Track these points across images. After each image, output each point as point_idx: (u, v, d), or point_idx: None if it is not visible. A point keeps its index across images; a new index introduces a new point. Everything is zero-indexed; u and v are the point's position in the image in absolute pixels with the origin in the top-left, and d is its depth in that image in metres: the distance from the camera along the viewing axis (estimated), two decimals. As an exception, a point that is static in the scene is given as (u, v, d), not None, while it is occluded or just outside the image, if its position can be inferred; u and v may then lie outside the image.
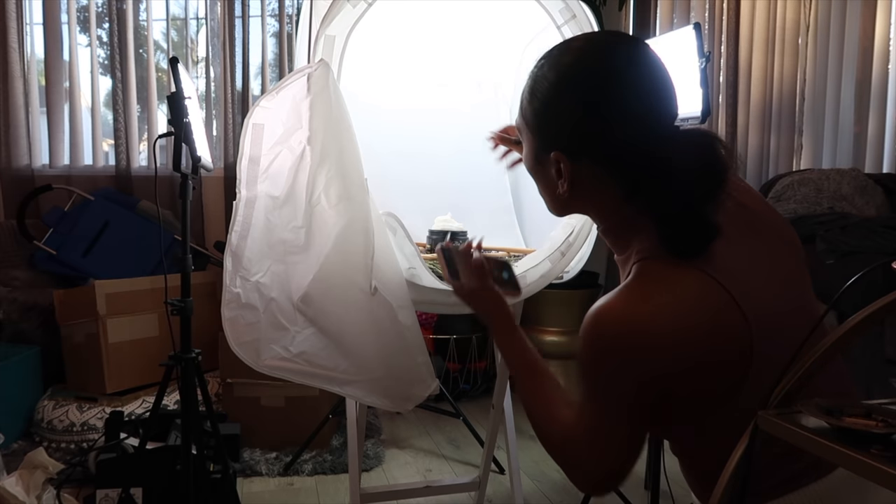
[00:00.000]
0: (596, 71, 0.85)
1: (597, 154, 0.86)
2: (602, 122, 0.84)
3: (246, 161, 1.40)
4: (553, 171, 0.90)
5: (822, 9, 2.96)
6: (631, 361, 0.79)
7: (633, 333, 0.78)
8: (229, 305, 1.37)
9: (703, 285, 0.80)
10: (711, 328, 0.79)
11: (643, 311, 0.79)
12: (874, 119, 2.78)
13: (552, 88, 0.87)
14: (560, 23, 1.54)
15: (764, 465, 0.79)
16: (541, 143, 0.91)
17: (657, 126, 0.84)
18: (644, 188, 0.84)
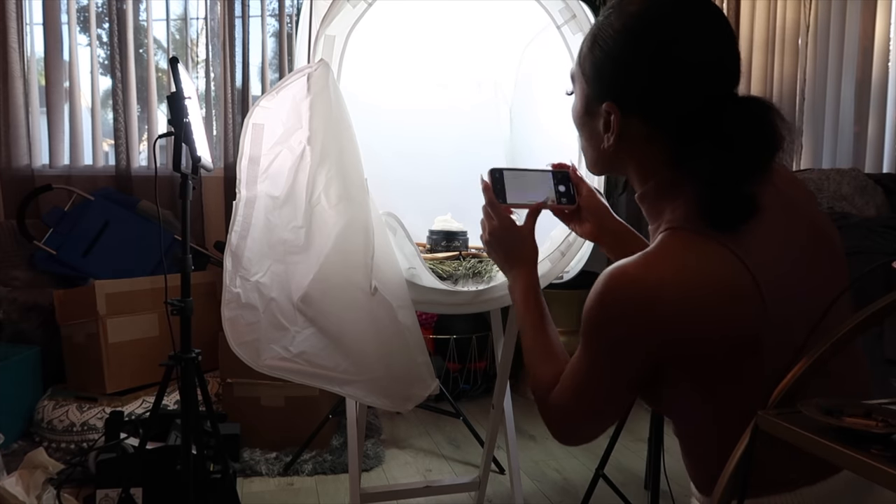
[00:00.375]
0: (663, 25, 0.83)
1: (650, 110, 0.85)
2: (661, 78, 0.82)
3: (246, 161, 1.40)
4: (601, 124, 0.89)
5: (822, 9, 2.96)
6: (637, 324, 0.79)
7: (642, 296, 0.78)
8: (229, 305, 1.37)
9: (724, 260, 0.78)
10: (725, 303, 0.77)
11: (656, 275, 0.78)
12: (874, 119, 2.78)
13: (616, 37, 0.85)
14: (560, 23, 1.54)
15: (759, 464, 0.78)
16: (594, 92, 0.89)
17: (717, 89, 0.82)
18: (691, 153, 0.82)
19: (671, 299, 0.77)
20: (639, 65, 0.84)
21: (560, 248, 1.52)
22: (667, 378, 0.83)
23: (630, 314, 0.79)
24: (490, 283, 1.50)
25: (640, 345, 0.80)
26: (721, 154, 0.79)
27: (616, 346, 0.82)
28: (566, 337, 3.18)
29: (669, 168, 0.86)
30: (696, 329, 0.78)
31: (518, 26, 1.77)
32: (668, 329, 0.78)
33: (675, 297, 0.77)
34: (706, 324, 0.77)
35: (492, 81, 1.96)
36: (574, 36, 1.55)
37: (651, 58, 0.82)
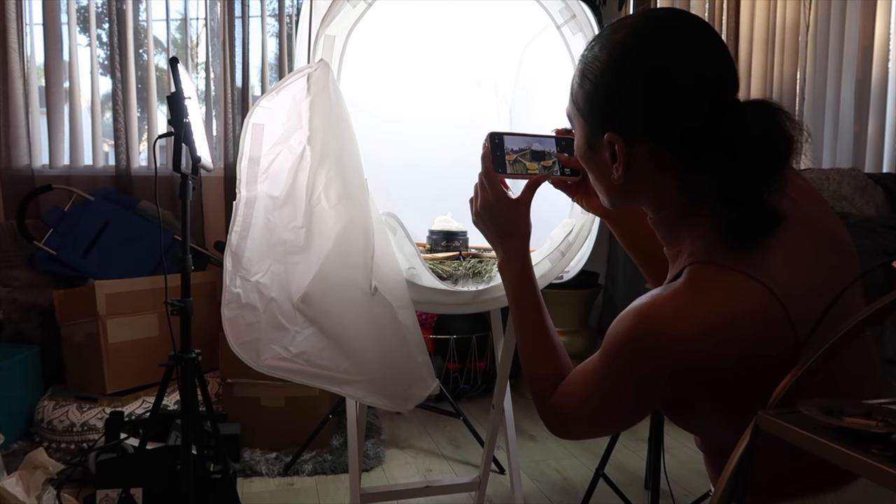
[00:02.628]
0: (651, 46, 0.81)
1: (653, 133, 0.83)
2: (658, 100, 0.80)
3: (246, 161, 1.40)
4: (607, 155, 0.86)
5: (822, 8, 2.97)
6: (664, 367, 0.77)
7: (673, 343, 0.76)
8: (229, 305, 1.37)
9: (754, 294, 0.76)
10: (757, 340, 0.76)
11: (688, 321, 0.76)
12: (874, 119, 2.78)
13: (605, 67, 0.84)
14: (560, 23, 1.54)
15: (773, 471, 0.78)
16: (593, 126, 0.87)
17: (717, 101, 0.80)
18: (704, 169, 0.80)
19: (702, 345, 0.75)
20: (633, 91, 0.82)
21: (560, 247, 1.52)
22: (691, 403, 0.82)
23: (658, 358, 0.77)
24: (490, 283, 1.50)
25: (666, 381, 0.79)
26: (730, 166, 0.77)
27: (641, 381, 0.80)
28: (566, 337, 3.21)
29: (684, 194, 0.84)
30: (727, 368, 0.76)
31: (518, 26, 1.77)
32: (697, 371, 0.77)
33: (705, 340, 0.75)
34: (738, 362, 0.76)
35: (491, 82, 1.96)
36: (574, 36, 1.55)
37: (645, 82, 0.81)
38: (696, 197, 0.83)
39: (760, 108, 0.79)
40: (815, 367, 0.68)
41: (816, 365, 0.68)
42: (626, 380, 0.82)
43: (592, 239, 1.59)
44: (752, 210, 0.77)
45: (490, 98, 1.97)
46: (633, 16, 0.88)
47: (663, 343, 0.76)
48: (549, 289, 1.64)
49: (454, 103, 1.92)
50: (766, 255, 0.78)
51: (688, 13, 0.86)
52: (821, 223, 0.86)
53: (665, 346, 0.76)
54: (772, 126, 0.77)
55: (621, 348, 0.80)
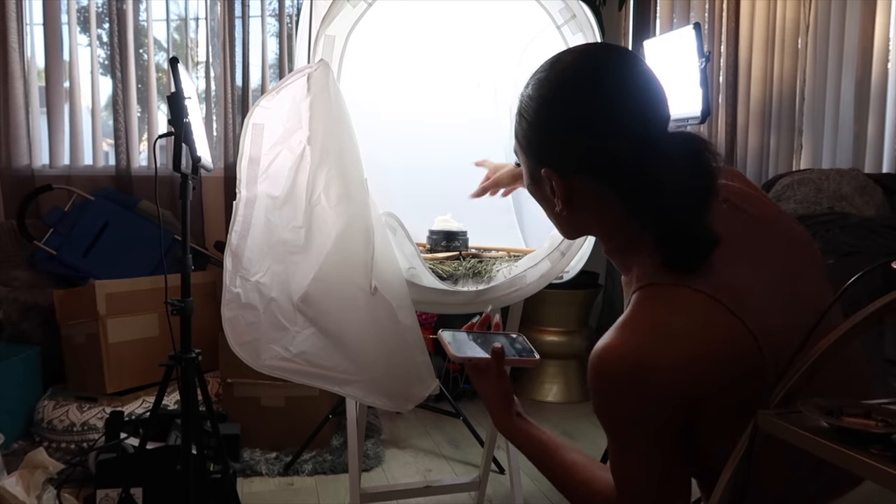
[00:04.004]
0: (578, 86, 0.83)
1: (584, 168, 0.85)
2: (586, 137, 0.83)
3: (246, 161, 1.40)
4: (548, 190, 0.89)
5: (822, 9, 2.96)
6: (647, 395, 0.76)
7: (640, 367, 0.75)
8: (229, 305, 1.37)
9: (705, 308, 0.78)
10: (719, 348, 0.76)
11: (646, 342, 0.76)
12: (874, 119, 2.78)
13: (536, 106, 0.87)
14: (560, 23, 1.55)
15: (774, 481, 0.78)
16: (533, 161, 0.90)
17: (644, 136, 0.81)
18: (637, 201, 0.83)
19: (669, 359, 0.75)
20: (564, 129, 0.84)
21: (560, 248, 1.53)
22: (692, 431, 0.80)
23: (630, 388, 0.77)
24: (490, 283, 1.50)
25: (655, 408, 0.78)
26: (661, 198, 0.80)
27: (635, 418, 0.79)
28: (566, 337, 3.20)
29: (627, 224, 0.86)
30: (702, 376, 0.76)
31: (518, 26, 1.77)
32: (676, 385, 0.76)
33: (671, 355, 0.75)
34: (709, 367, 0.76)
35: (491, 82, 1.96)
36: (574, 36, 1.55)
37: (570, 121, 0.83)
38: (638, 226, 0.85)
39: (683, 144, 0.81)
40: (815, 367, 0.68)
41: (814, 365, 0.68)
42: (619, 424, 0.81)
43: (592, 239, 1.59)
44: (687, 237, 0.79)
45: (490, 98, 1.97)
46: (563, 53, 0.90)
47: (626, 374, 0.76)
48: (549, 289, 1.64)
49: (454, 103, 1.92)
50: (714, 272, 0.80)
51: (621, 50, 0.88)
52: (777, 230, 0.89)
53: (629, 376, 0.76)
54: (694, 163, 0.80)
55: (599, 400, 0.81)
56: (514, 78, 1.94)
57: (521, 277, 1.51)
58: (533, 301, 2.18)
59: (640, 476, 0.82)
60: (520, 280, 1.51)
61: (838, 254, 2.10)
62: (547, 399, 3.16)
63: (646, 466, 0.81)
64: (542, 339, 3.20)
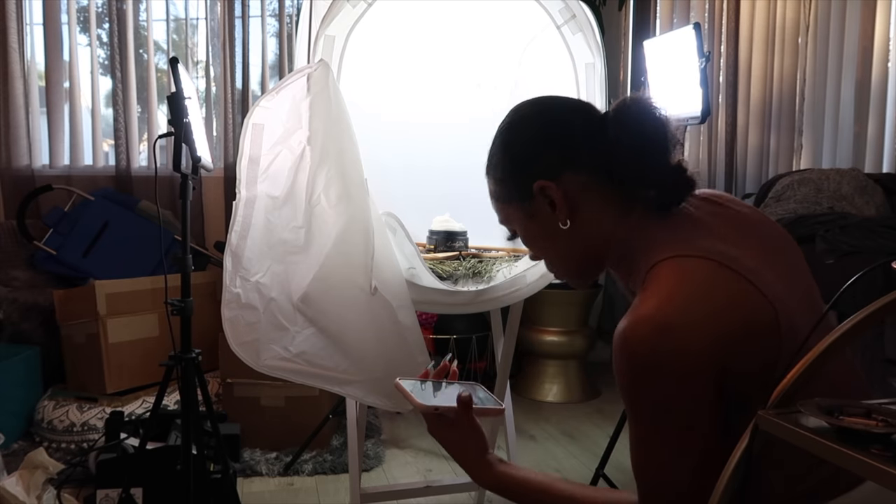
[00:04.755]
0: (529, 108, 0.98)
1: (568, 159, 0.92)
2: (554, 134, 0.94)
3: (246, 161, 1.40)
4: (547, 208, 0.93)
5: (822, 8, 2.96)
6: (677, 360, 0.75)
7: (667, 329, 0.75)
8: (229, 305, 1.37)
9: (720, 273, 0.80)
10: (739, 308, 0.78)
11: (668, 306, 0.77)
12: (874, 119, 2.78)
13: (501, 147, 0.98)
14: (560, 23, 1.55)
15: (772, 481, 0.78)
16: (520, 196, 0.95)
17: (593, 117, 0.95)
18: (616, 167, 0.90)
19: (686, 322, 0.76)
20: (532, 139, 0.95)
21: (560, 248, 1.52)
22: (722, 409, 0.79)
23: (659, 355, 0.76)
24: (490, 283, 1.50)
25: (686, 377, 0.76)
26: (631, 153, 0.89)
27: (666, 394, 0.77)
28: (566, 337, 3.19)
29: (627, 215, 0.91)
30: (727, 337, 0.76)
31: (518, 26, 1.77)
32: (698, 353, 0.75)
33: (689, 318, 0.76)
34: (733, 328, 0.77)
35: (491, 82, 1.96)
36: (574, 36, 1.55)
37: (538, 130, 0.95)
38: (639, 213, 0.90)
39: (623, 104, 0.93)
40: (816, 367, 0.68)
41: (817, 364, 0.68)
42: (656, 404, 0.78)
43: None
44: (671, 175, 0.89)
45: (490, 98, 1.97)
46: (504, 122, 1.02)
47: (656, 341, 0.76)
48: (549, 289, 1.64)
49: (454, 103, 1.92)
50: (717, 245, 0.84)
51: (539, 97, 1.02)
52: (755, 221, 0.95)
53: (659, 342, 0.76)
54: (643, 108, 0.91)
55: (629, 377, 0.79)
56: (514, 78, 1.94)
57: (521, 277, 1.52)
58: (533, 301, 2.18)
59: (669, 461, 0.79)
60: (520, 280, 1.52)
61: (838, 254, 2.10)
62: (547, 399, 3.16)
63: (675, 448, 0.78)
64: (542, 339, 3.20)
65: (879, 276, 1.63)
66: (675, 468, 0.79)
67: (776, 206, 2.60)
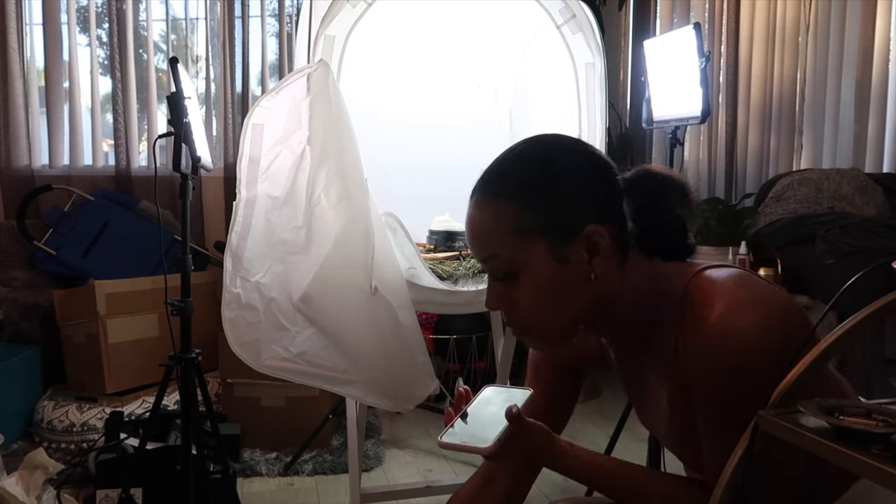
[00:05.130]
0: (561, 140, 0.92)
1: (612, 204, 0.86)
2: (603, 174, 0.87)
3: (246, 161, 1.40)
4: (584, 255, 0.83)
5: (822, 8, 2.96)
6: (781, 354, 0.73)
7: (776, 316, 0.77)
8: (229, 306, 1.37)
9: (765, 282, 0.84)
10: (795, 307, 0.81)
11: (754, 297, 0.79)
12: (874, 119, 2.78)
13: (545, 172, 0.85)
14: (560, 23, 1.55)
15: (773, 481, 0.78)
16: (559, 232, 0.83)
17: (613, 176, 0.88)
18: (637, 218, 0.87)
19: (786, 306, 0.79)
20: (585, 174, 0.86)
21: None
22: None
23: (797, 338, 0.73)
24: (490, 283, 1.50)
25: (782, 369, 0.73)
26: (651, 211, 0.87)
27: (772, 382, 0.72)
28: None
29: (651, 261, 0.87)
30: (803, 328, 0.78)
31: (518, 26, 1.77)
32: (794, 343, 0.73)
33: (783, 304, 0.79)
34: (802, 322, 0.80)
35: (491, 82, 1.96)
36: (574, 36, 1.55)
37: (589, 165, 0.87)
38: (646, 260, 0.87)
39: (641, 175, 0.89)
40: (816, 367, 0.68)
41: (815, 364, 0.68)
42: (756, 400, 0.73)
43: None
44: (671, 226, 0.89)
45: (490, 98, 1.97)
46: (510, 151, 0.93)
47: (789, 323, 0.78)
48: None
49: (454, 103, 1.92)
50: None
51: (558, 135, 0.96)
52: None
53: (793, 323, 0.78)
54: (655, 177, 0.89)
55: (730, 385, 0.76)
56: (513, 78, 1.94)
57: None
58: (533, 301, 2.18)
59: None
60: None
61: (838, 254, 2.10)
62: (547, 399, 3.15)
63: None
64: (542, 339, 3.19)
65: (879, 276, 1.63)
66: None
67: (776, 206, 2.60)
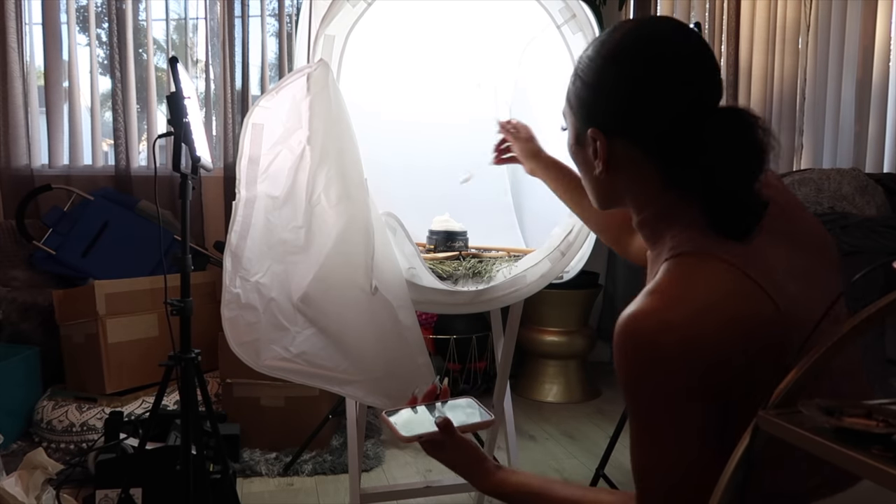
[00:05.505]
0: (639, 48, 0.86)
1: (631, 130, 0.86)
2: (639, 99, 0.85)
3: (245, 161, 1.40)
4: (591, 151, 0.90)
5: (823, 8, 2.97)
6: (674, 356, 0.75)
7: (665, 328, 0.75)
8: (229, 306, 1.37)
9: (732, 277, 0.79)
10: (743, 316, 0.77)
11: (672, 306, 0.77)
12: (874, 119, 2.78)
13: (594, 66, 0.89)
14: (560, 22, 1.54)
15: (777, 477, 0.78)
16: (580, 121, 0.92)
17: (697, 106, 0.83)
18: (685, 167, 0.83)
19: (686, 323, 0.76)
20: (617, 89, 0.86)
21: (560, 247, 1.52)
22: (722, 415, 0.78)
23: (656, 350, 0.76)
24: (490, 283, 1.50)
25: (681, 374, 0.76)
26: (709, 167, 0.81)
27: (661, 386, 0.77)
28: (566, 337, 3.20)
29: (665, 192, 0.87)
30: (731, 345, 0.76)
31: (518, 26, 1.77)
32: (705, 355, 0.75)
33: (703, 325, 0.75)
34: (738, 337, 0.76)
35: (491, 82, 1.96)
36: (574, 35, 1.55)
37: (628, 81, 0.85)
38: (679, 193, 0.85)
39: (737, 115, 0.83)
40: (815, 367, 0.68)
41: (816, 365, 0.68)
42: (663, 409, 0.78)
43: (592, 239, 1.58)
44: (738, 202, 0.81)
45: (490, 98, 1.97)
46: (629, 21, 0.92)
47: (658, 339, 0.76)
48: (549, 289, 1.64)
49: (454, 103, 1.92)
50: (747, 249, 0.81)
51: (682, 25, 0.90)
52: (799, 221, 0.91)
53: (661, 341, 0.75)
54: (747, 134, 0.81)
55: (626, 367, 0.79)
56: (514, 78, 1.94)
57: (521, 277, 1.51)
58: (533, 301, 2.18)
59: (667, 456, 0.79)
60: (520, 280, 1.51)
61: (839, 254, 2.10)
62: (547, 399, 3.16)
63: (671, 445, 0.78)
64: (542, 339, 3.20)
65: (879, 276, 1.63)
66: (674, 463, 0.79)
67: (776, 205, 2.60)
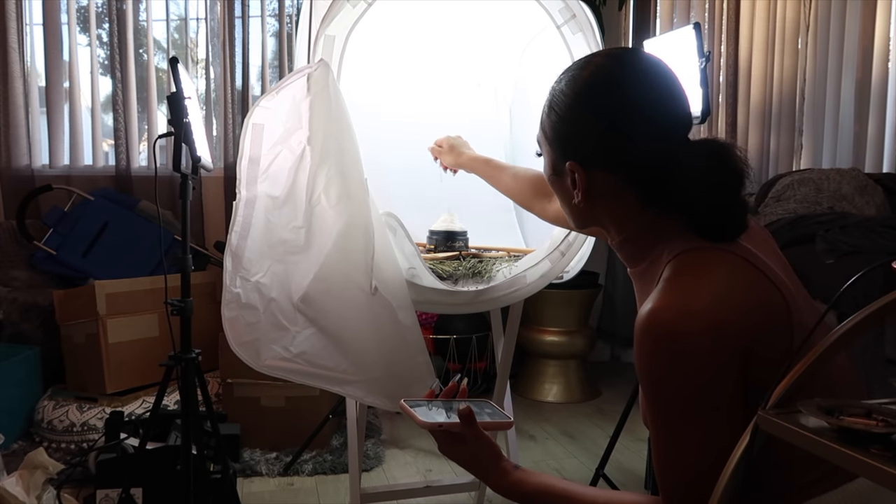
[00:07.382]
0: (608, 87, 0.89)
1: (610, 163, 0.89)
2: (615, 134, 0.88)
3: (246, 161, 1.40)
4: (569, 182, 0.93)
5: (822, 8, 2.97)
6: (697, 348, 0.77)
7: (688, 318, 0.77)
8: (229, 305, 1.37)
9: (741, 266, 0.83)
10: (758, 299, 0.80)
11: (700, 300, 0.78)
12: (874, 119, 2.78)
13: (568, 101, 0.91)
14: (560, 23, 1.54)
15: (774, 471, 0.78)
16: (558, 154, 0.94)
17: (667, 140, 0.87)
18: (660, 194, 0.88)
19: (708, 311, 0.78)
20: (589, 125, 0.89)
21: (560, 248, 1.53)
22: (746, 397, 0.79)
23: (680, 342, 0.77)
24: (490, 283, 1.50)
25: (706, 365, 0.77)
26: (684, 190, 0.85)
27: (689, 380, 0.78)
28: (566, 337, 3.20)
29: (644, 212, 0.90)
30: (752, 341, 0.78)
31: (518, 26, 1.77)
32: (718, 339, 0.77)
33: (720, 313, 0.78)
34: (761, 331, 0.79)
35: (491, 82, 1.96)
36: (574, 36, 1.55)
37: (600, 118, 0.88)
38: (657, 212, 0.89)
39: (709, 144, 0.88)
40: (815, 367, 0.68)
41: (816, 365, 0.68)
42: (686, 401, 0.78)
43: (592, 239, 1.59)
44: (719, 214, 0.85)
45: (490, 98, 1.97)
46: (597, 54, 0.95)
47: (681, 330, 0.77)
48: (549, 289, 1.64)
49: (454, 103, 1.92)
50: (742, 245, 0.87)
51: (650, 56, 0.93)
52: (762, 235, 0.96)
53: (684, 332, 0.77)
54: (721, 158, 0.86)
55: (650, 364, 0.80)
56: (514, 78, 1.94)
57: (521, 277, 1.52)
58: (533, 301, 2.19)
59: (693, 447, 0.78)
60: (520, 280, 1.52)
61: (838, 254, 2.10)
62: (547, 399, 3.16)
63: (700, 433, 0.78)
64: (542, 339, 3.20)
65: (879, 276, 1.63)
66: (702, 452, 0.79)
67: (776, 206, 2.60)
